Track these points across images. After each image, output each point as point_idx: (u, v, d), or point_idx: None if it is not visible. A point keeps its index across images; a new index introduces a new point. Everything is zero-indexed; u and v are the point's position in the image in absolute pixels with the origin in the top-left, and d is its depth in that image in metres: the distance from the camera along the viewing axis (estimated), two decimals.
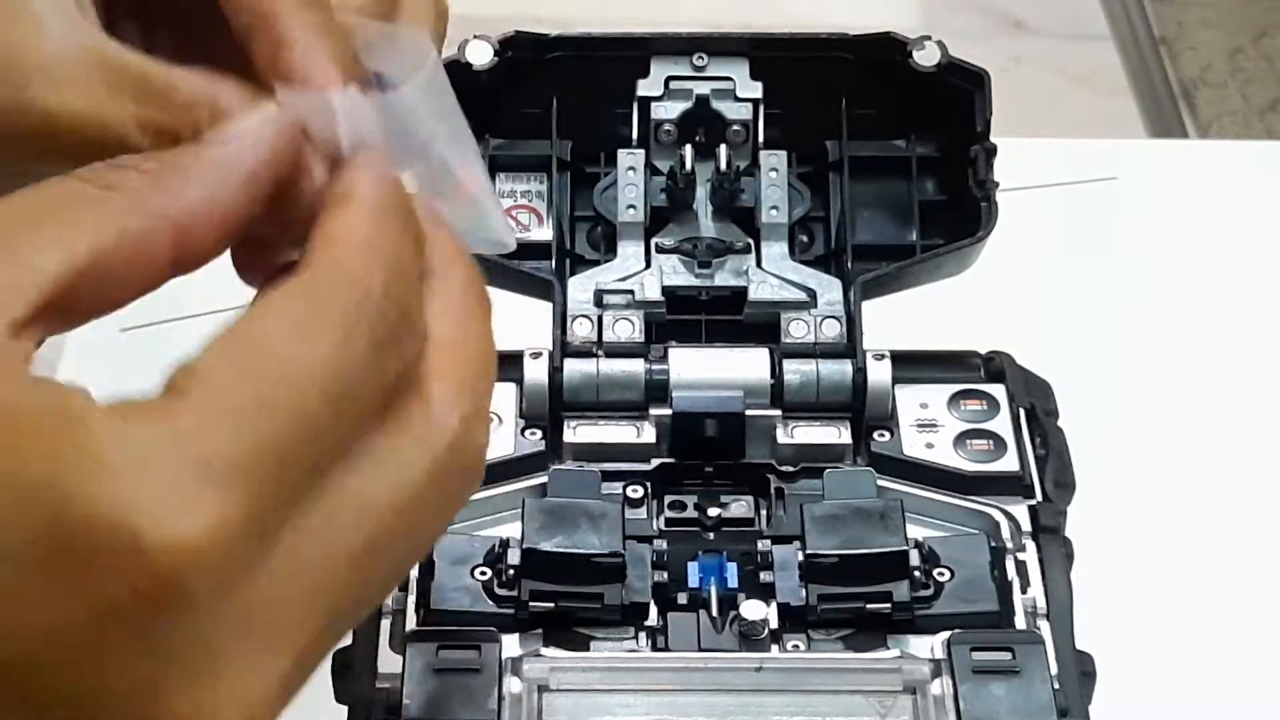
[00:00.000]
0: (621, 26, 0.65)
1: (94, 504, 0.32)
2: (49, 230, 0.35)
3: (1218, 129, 2.03)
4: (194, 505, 0.33)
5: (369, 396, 0.36)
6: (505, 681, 0.53)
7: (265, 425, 0.34)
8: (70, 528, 0.32)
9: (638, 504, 0.58)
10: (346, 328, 0.35)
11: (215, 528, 0.33)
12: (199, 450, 0.33)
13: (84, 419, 0.33)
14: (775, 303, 0.63)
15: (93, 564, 0.32)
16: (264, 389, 0.34)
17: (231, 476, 0.33)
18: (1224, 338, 0.86)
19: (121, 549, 0.32)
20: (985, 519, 0.59)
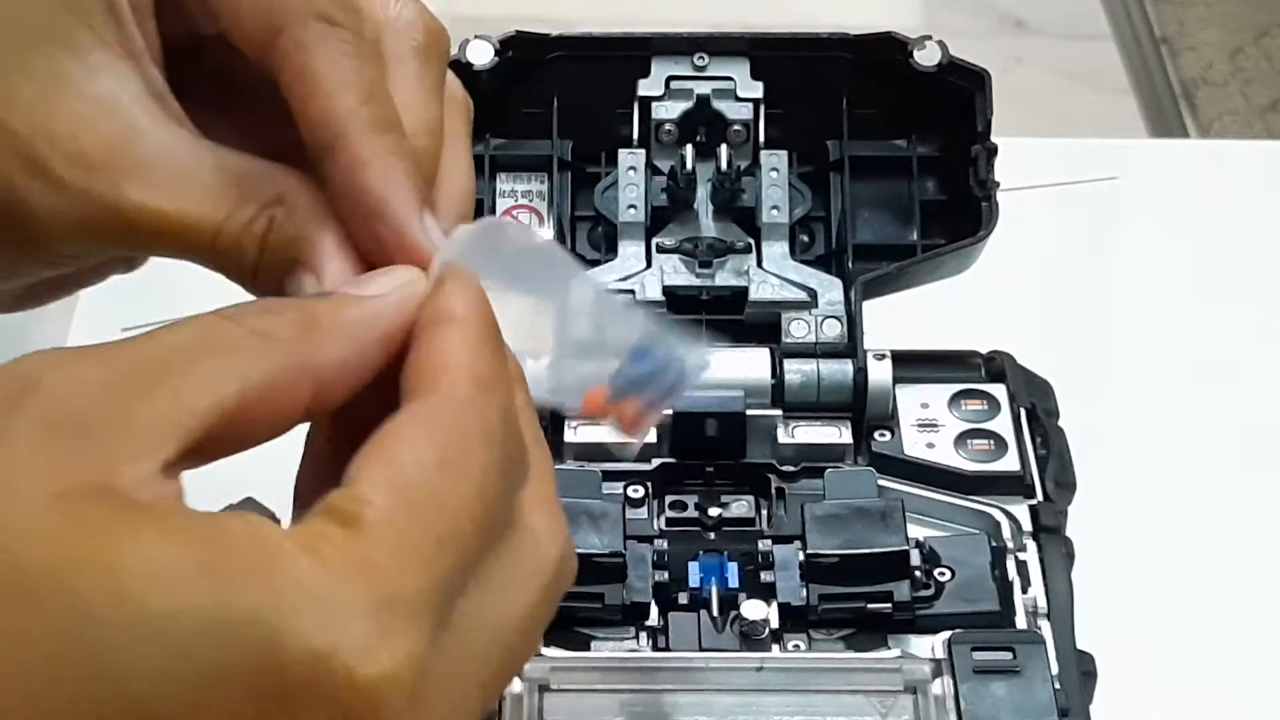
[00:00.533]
0: (622, 26, 0.65)
1: (306, 640, 0.33)
2: (201, 371, 0.36)
3: (1218, 128, 2.03)
4: (394, 641, 0.34)
5: (500, 526, 0.38)
6: None
7: (439, 560, 0.36)
8: (283, 663, 0.33)
9: (638, 504, 0.58)
10: (483, 462, 0.37)
11: (410, 661, 0.34)
12: (392, 587, 0.35)
13: (282, 553, 0.34)
14: (776, 302, 0.63)
15: (304, 697, 0.33)
16: (433, 523, 0.36)
17: (418, 611, 0.35)
18: (1224, 337, 0.86)
19: (334, 684, 0.33)
20: (986, 519, 0.59)
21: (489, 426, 0.38)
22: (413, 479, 0.36)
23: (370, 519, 0.35)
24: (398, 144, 0.42)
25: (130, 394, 0.35)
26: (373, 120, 0.42)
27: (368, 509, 0.35)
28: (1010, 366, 0.63)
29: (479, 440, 0.37)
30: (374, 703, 0.34)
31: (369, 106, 0.42)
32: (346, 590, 0.34)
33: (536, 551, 0.39)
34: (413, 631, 0.35)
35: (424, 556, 0.35)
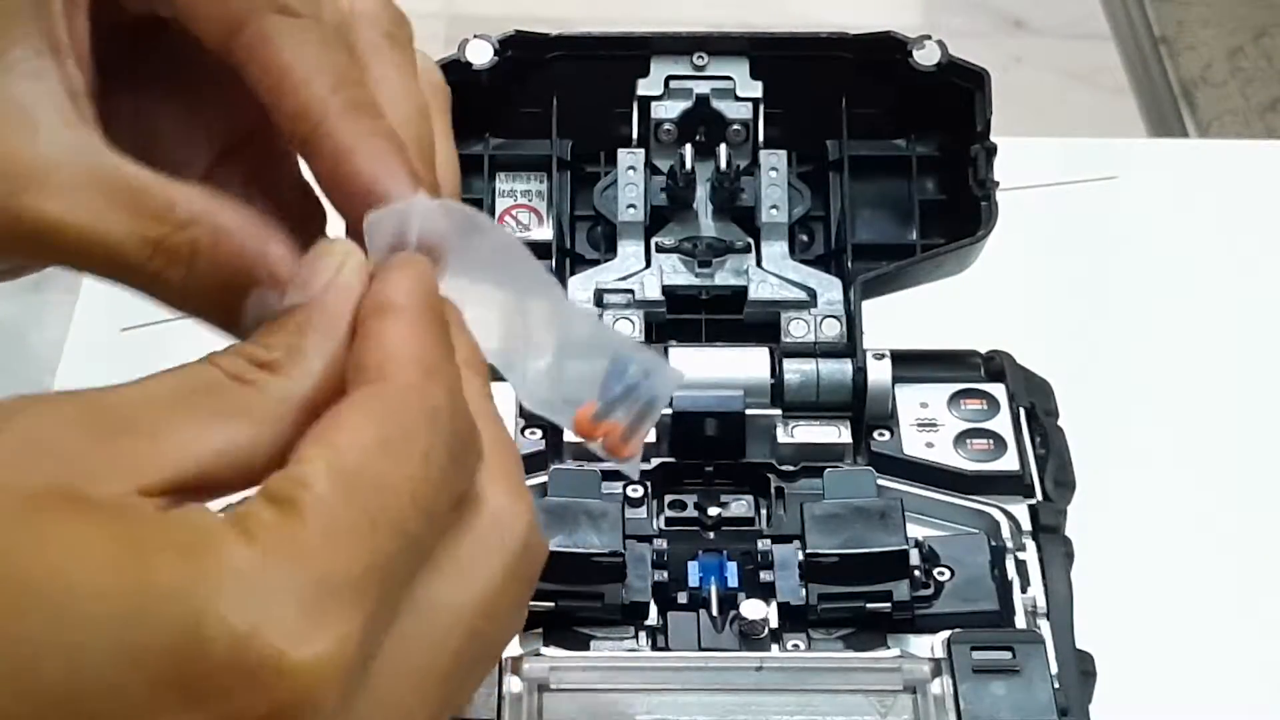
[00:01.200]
0: (621, 26, 0.65)
1: (229, 621, 0.33)
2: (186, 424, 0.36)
3: (1218, 128, 2.03)
4: (322, 624, 0.34)
5: (447, 509, 0.37)
6: (505, 681, 0.53)
7: (375, 543, 0.35)
8: (206, 643, 0.33)
9: (638, 503, 0.58)
10: (425, 444, 0.37)
11: (341, 645, 0.34)
12: (323, 569, 0.34)
13: (210, 534, 0.34)
14: (775, 302, 0.63)
15: (227, 680, 0.33)
16: (370, 505, 0.35)
17: (350, 594, 0.34)
18: (1224, 337, 0.85)
19: (258, 667, 0.33)
20: (985, 518, 0.59)
21: (433, 410, 0.37)
22: (351, 462, 0.36)
23: (305, 501, 0.35)
24: (378, 125, 0.41)
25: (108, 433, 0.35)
26: (349, 104, 0.41)
27: (304, 492, 0.35)
28: (1010, 366, 0.63)
29: (422, 423, 0.37)
30: (304, 689, 0.33)
31: (341, 92, 0.41)
32: (274, 571, 0.34)
33: (497, 531, 0.38)
34: (346, 614, 0.34)
35: (359, 538, 0.35)
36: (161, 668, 0.33)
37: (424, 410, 0.37)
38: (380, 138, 0.41)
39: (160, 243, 0.40)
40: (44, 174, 0.40)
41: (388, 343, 0.38)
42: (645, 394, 0.43)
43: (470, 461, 0.38)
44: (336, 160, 0.41)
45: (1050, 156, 0.96)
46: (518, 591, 0.39)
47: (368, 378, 0.38)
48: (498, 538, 0.38)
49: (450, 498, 0.37)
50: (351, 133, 0.41)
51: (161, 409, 0.36)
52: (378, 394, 0.37)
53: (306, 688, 0.33)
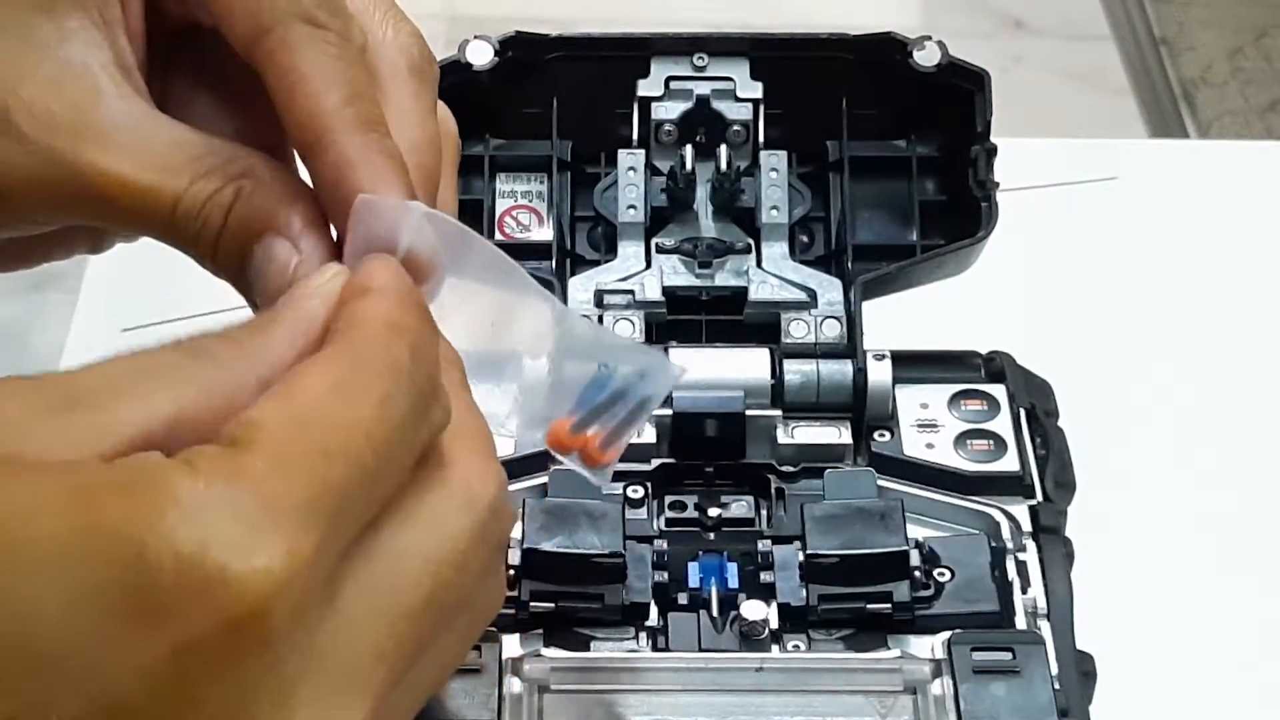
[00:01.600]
0: (621, 26, 0.65)
1: (173, 543, 0.33)
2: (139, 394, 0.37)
3: (1218, 129, 2.03)
4: (269, 539, 0.34)
5: (408, 455, 0.38)
6: (506, 682, 0.53)
7: (325, 470, 0.36)
8: (151, 568, 0.33)
9: (638, 504, 0.58)
10: (384, 389, 0.37)
11: (289, 559, 0.34)
12: (269, 491, 0.35)
13: (155, 470, 0.34)
14: (775, 303, 0.63)
15: (176, 600, 0.33)
16: (321, 438, 0.36)
17: (300, 514, 0.35)
18: (1224, 338, 0.86)
19: (205, 582, 0.33)
20: (985, 519, 0.59)
21: (394, 360, 0.38)
22: (303, 403, 0.36)
23: (253, 437, 0.35)
24: (381, 142, 0.42)
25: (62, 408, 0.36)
26: (357, 119, 0.42)
27: (254, 430, 0.36)
28: (1010, 367, 0.63)
29: (381, 370, 0.37)
30: (254, 601, 0.34)
31: (353, 106, 0.42)
32: (218, 495, 0.34)
33: (467, 489, 0.39)
34: (293, 532, 0.34)
35: (306, 466, 0.35)
36: (112, 599, 0.33)
37: (385, 360, 0.38)
38: (383, 155, 0.42)
39: (214, 195, 0.42)
40: (108, 133, 0.42)
41: (358, 309, 0.39)
42: (638, 395, 0.43)
43: (434, 417, 0.39)
44: (337, 170, 0.42)
45: (1050, 157, 0.96)
46: (486, 554, 0.40)
47: (334, 338, 0.39)
48: (465, 497, 0.39)
49: (410, 446, 0.38)
50: (356, 146, 0.42)
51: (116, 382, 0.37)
52: (339, 349, 0.38)
53: (257, 600, 0.34)
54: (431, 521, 0.38)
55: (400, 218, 0.41)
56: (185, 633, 0.33)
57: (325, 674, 0.35)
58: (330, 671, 0.36)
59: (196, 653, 0.34)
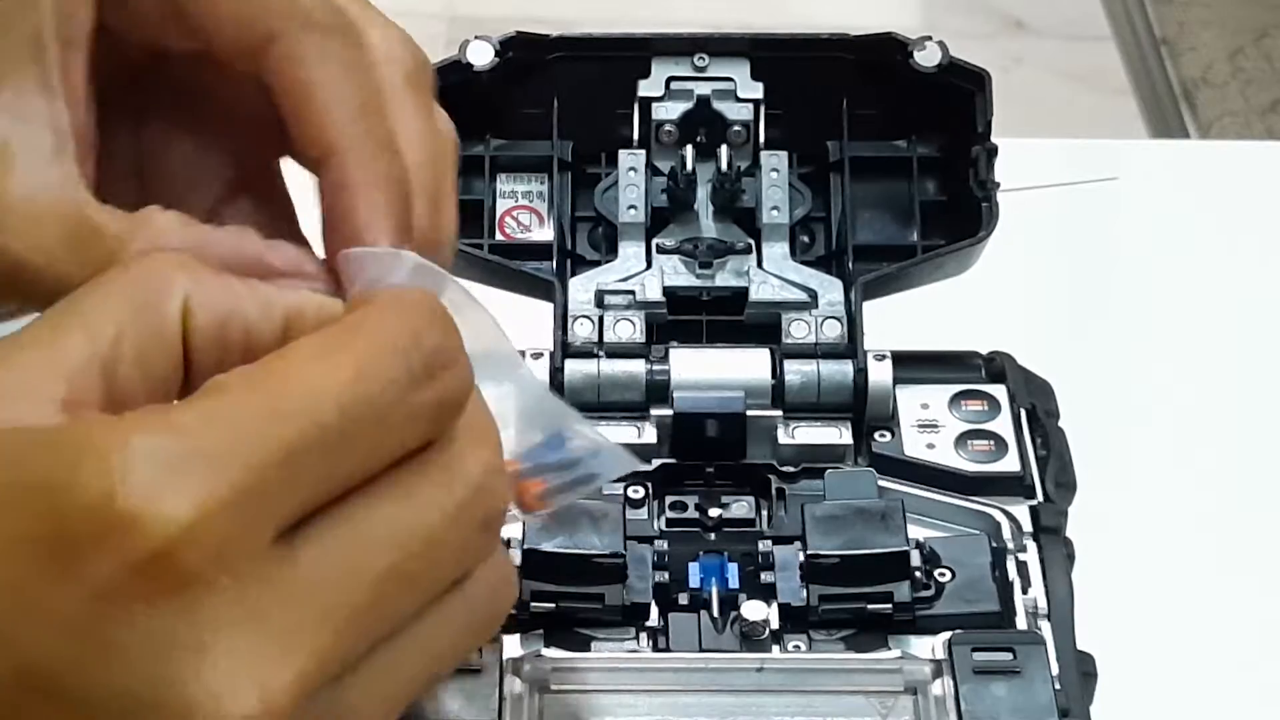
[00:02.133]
0: (622, 27, 0.65)
1: (85, 490, 0.33)
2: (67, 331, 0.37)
3: (1219, 129, 2.03)
4: (179, 482, 0.34)
5: (398, 427, 0.37)
6: (506, 682, 0.53)
7: (269, 425, 0.35)
8: (63, 516, 0.33)
9: (639, 504, 0.58)
10: (368, 357, 0.37)
11: (204, 505, 0.34)
12: (193, 441, 0.34)
13: (81, 426, 0.35)
14: (776, 303, 0.63)
15: (83, 547, 0.33)
16: (274, 396, 0.36)
17: (223, 462, 0.34)
18: (1225, 338, 0.85)
19: (109, 528, 0.33)
20: (986, 519, 0.59)
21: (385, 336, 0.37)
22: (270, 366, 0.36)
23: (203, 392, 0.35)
24: (388, 169, 0.42)
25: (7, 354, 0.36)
26: (365, 138, 0.42)
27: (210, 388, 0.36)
28: (1010, 367, 0.63)
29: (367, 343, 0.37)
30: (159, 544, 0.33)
31: (364, 123, 0.42)
32: (135, 444, 0.34)
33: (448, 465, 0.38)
34: (207, 478, 0.34)
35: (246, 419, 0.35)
36: (30, 551, 0.33)
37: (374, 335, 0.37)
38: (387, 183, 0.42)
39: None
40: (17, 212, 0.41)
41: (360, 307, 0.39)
42: (587, 469, 0.44)
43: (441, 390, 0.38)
44: (338, 192, 0.42)
45: (1051, 157, 0.96)
46: (465, 533, 0.39)
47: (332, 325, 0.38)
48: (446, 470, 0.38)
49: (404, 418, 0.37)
50: (362, 169, 0.42)
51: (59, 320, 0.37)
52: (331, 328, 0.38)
53: (162, 541, 0.33)
54: (404, 497, 0.38)
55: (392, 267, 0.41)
56: (95, 580, 0.33)
57: (259, 627, 0.35)
58: (265, 626, 0.35)
59: (108, 600, 0.34)
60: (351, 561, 0.37)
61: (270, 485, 0.35)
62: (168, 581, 0.34)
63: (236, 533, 0.34)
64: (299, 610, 0.36)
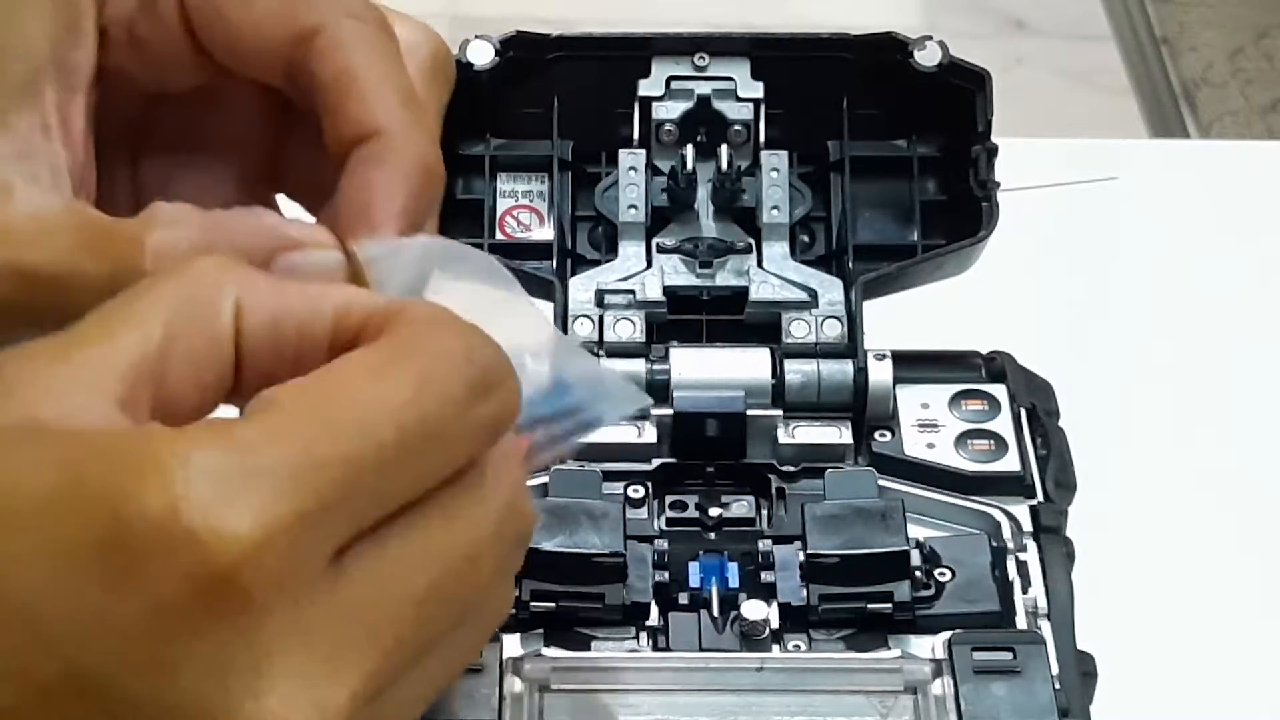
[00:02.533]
0: (622, 26, 0.65)
1: (145, 505, 0.33)
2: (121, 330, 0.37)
3: (1219, 129, 2.03)
4: (245, 503, 0.34)
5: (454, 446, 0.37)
6: (506, 681, 0.53)
7: (331, 446, 0.35)
8: (123, 530, 0.33)
9: (639, 504, 0.58)
10: (427, 374, 0.37)
11: (268, 526, 0.34)
12: (256, 459, 0.34)
13: (143, 436, 0.35)
14: (776, 303, 0.63)
15: (145, 560, 0.33)
16: (333, 414, 0.35)
17: (287, 483, 0.34)
18: (1225, 338, 0.85)
19: (173, 543, 0.33)
20: (986, 519, 0.59)
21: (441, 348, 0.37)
22: (326, 381, 0.36)
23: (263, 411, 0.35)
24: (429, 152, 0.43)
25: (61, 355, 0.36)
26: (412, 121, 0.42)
27: (266, 404, 0.36)
28: (1010, 367, 0.63)
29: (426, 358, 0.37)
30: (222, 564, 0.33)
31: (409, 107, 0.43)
32: (198, 459, 0.34)
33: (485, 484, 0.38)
34: (269, 498, 0.34)
35: (306, 437, 0.35)
36: (87, 562, 0.33)
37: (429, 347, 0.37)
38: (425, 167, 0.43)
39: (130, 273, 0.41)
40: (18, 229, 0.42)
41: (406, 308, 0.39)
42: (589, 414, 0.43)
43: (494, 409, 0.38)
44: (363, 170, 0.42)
45: (1051, 157, 0.96)
46: (502, 551, 0.39)
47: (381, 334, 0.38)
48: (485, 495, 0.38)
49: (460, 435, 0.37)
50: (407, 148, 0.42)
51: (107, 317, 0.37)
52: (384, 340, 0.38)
53: (225, 562, 0.33)
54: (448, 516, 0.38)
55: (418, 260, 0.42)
56: (155, 594, 0.33)
57: (311, 648, 0.35)
58: (318, 646, 0.35)
59: (168, 615, 0.33)
60: (400, 581, 0.37)
61: (331, 506, 0.35)
62: (228, 601, 0.34)
63: (298, 554, 0.34)
64: (351, 631, 0.36)
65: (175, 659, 0.34)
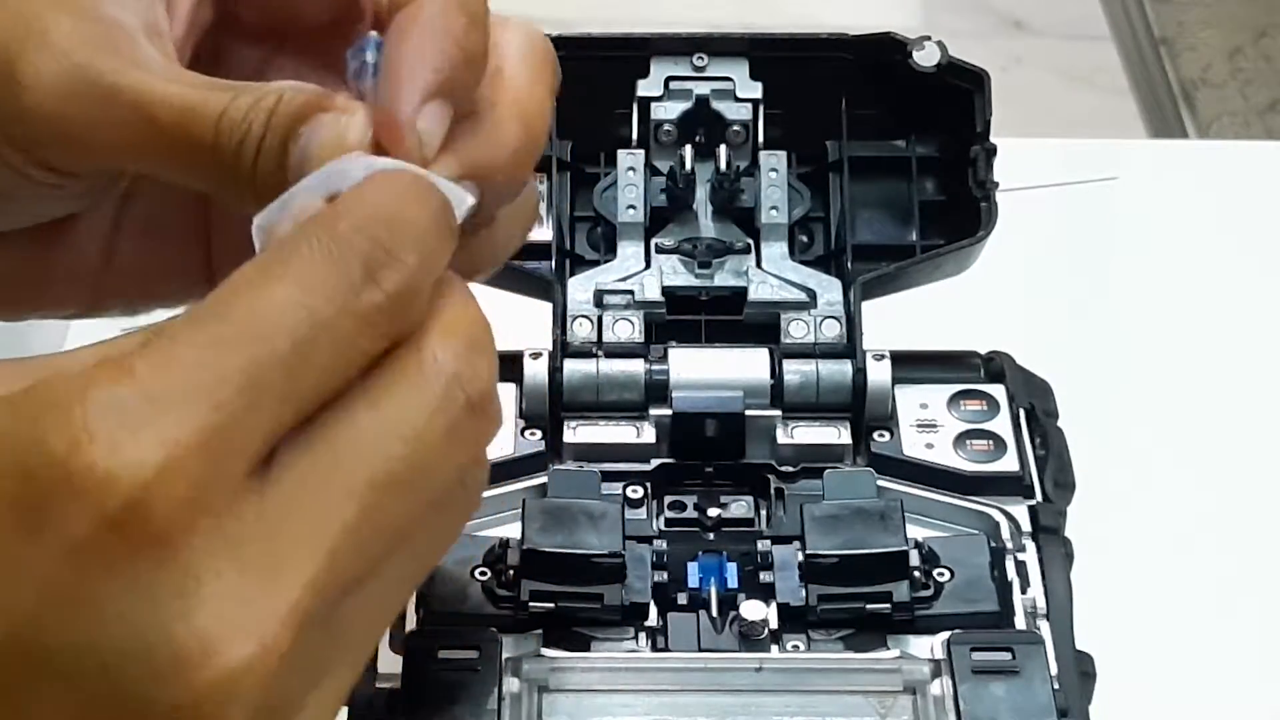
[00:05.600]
0: (622, 27, 0.65)
1: (48, 447, 0.33)
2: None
3: (1218, 129, 2.04)
4: (145, 433, 0.33)
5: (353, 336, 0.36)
6: (505, 682, 0.53)
7: (224, 361, 0.35)
8: (29, 474, 0.33)
9: (638, 504, 0.58)
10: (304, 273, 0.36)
11: (171, 452, 0.33)
12: (151, 387, 0.34)
13: (46, 383, 0.34)
14: (775, 303, 0.63)
15: (53, 503, 0.33)
16: (221, 332, 0.35)
17: (183, 405, 0.34)
18: (1224, 338, 0.86)
19: (78, 483, 0.33)
20: (985, 519, 0.59)
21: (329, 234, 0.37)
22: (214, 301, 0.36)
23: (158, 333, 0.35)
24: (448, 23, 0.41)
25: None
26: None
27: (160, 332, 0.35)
28: (1009, 367, 0.63)
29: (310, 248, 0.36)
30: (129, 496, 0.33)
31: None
32: (95, 395, 0.33)
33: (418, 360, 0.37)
34: (167, 423, 0.34)
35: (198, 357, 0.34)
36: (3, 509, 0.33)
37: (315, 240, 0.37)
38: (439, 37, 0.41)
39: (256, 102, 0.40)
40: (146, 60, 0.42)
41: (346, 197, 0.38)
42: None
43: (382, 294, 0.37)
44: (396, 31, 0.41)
45: (1050, 157, 0.96)
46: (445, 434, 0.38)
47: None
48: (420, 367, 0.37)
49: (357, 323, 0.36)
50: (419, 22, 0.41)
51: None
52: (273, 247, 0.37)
53: (132, 493, 0.33)
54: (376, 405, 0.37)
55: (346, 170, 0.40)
56: (68, 535, 0.33)
57: (243, 561, 0.34)
58: (251, 559, 0.34)
59: (83, 554, 0.33)
60: (330, 479, 0.36)
61: (234, 420, 0.34)
62: (142, 531, 0.33)
63: (207, 473, 0.34)
64: (284, 540, 0.35)
65: (97, 596, 0.33)
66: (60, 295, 0.49)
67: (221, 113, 0.41)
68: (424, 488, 0.38)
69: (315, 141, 0.40)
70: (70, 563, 0.33)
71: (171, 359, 0.35)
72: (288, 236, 0.37)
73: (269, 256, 0.37)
